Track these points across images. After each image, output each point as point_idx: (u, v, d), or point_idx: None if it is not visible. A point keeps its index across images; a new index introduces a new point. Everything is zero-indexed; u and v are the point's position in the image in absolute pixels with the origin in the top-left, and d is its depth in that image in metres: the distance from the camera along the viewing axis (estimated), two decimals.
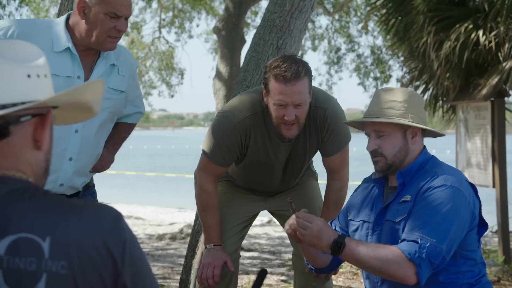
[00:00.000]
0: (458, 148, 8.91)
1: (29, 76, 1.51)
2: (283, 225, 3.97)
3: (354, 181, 4.03)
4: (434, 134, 3.08)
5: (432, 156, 3.02)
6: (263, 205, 3.96)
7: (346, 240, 2.79)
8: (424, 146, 3.03)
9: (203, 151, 3.66)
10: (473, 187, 2.95)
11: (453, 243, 2.79)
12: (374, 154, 2.96)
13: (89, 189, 3.52)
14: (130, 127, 3.68)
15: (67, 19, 3.27)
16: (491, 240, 9.92)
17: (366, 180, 3.19)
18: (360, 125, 3.13)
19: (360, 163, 14.80)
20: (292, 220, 2.93)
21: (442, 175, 2.87)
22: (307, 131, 3.58)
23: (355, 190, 3.22)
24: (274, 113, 3.39)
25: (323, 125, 3.57)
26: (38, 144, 1.57)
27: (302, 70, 3.35)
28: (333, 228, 3.11)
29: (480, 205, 2.98)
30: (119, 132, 3.62)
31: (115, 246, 1.50)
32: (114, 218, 1.53)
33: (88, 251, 1.47)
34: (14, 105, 1.49)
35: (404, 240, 2.77)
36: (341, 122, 3.60)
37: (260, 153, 3.61)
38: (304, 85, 3.35)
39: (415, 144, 2.98)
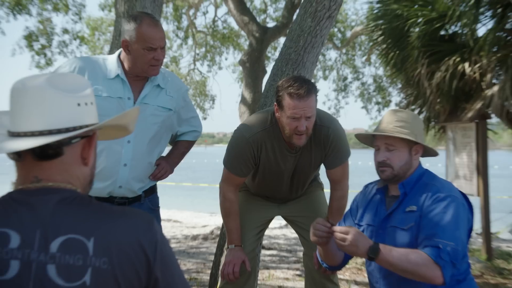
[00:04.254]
0: (448, 162, 8.85)
1: (79, 104, 1.56)
2: (294, 229, 3.95)
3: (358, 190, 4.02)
4: (430, 154, 3.06)
5: (426, 169, 3.01)
6: (277, 211, 3.92)
7: (380, 246, 2.74)
8: (420, 162, 3.02)
9: (224, 164, 3.67)
10: (464, 195, 2.94)
11: (465, 244, 2.78)
12: (383, 164, 2.94)
13: (151, 195, 3.53)
14: (188, 144, 3.71)
15: (119, 54, 3.41)
16: (475, 241, 9.81)
17: (367, 186, 3.17)
18: (369, 140, 3.11)
19: (362, 173, 14.71)
20: (316, 231, 2.90)
21: (442, 187, 2.86)
22: (312, 146, 3.57)
23: (358, 195, 3.19)
24: (288, 126, 3.38)
25: (326, 141, 3.56)
26: (85, 161, 1.60)
27: (312, 88, 3.35)
28: None
29: (473, 211, 2.95)
30: (178, 148, 3.67)
31: (148, 246, 1.52)
32: (147, 222, 1.56)
33: (125, 249, 1.49)
34: (67, 129, 1.53)
35: (426, 246, 2.73)
36: (342, 139, 3.59)
37: (271, 162, 3.59)
38: (313, 100, 3.36)
39: (416, 160, 2.97)
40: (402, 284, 2.86)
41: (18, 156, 1.55)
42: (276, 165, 3.60)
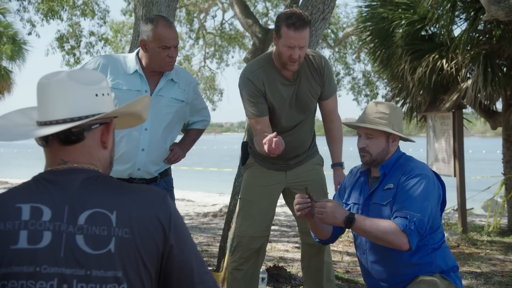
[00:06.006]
0: (428, 147, 8.84)
1: (96, 95, 1.56)
2: (292, 211, 3.88)
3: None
4: (407, 140, 3.06)
5: (404, 153, 3.02)
6: (284, 181, 3.72)
7: (356, 216, 2.75)
8: (398, 146, 3.02)
9: (247, 115, 3.56)
10: (437, 174, 2.96)
11: (431, 216, 2.78)
12: (363, 150, 2.95)
13: (166, 177, 3.51)
14: (198, 132, 3.68)
15: (138, 52, 3.40)
16: (452, 216, 9.83)
17: (352, 170, 3.17)
18: (354, 126, 3.11)
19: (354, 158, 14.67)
20: (298, 205, 2.89)
21: (416, 168, 2.87)
22: (311, 72, 3.55)
23: (346, 178, 3.19)
24: (284, 53, 3.35)
25: (322, 69, 3.54)
26: (104, 145, 1.61)
27: (307, 22, 3.31)
28: None
29: (444, 188, 2.97)
30: (190, 135, 3.64)
31: (163, 217, 1.53)
32: (162, 197, 1.56)
33: (144, 221, 1.50)
34: (87, 117, 1.53)
35: (396, 216, 2.75)
36: (332, 71, 3.59)
37: (274, 92, 3.51)
38: (307, 32, 3.32)
39: (393, 147, 2.98)
40: (386, 253, 2.87)
41: (46, 143, 1.55)
42: (279, 94, 3.52)
